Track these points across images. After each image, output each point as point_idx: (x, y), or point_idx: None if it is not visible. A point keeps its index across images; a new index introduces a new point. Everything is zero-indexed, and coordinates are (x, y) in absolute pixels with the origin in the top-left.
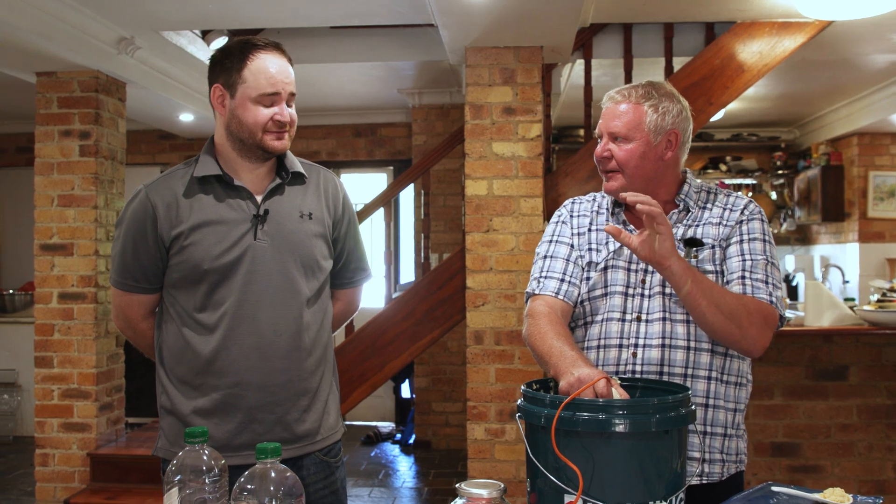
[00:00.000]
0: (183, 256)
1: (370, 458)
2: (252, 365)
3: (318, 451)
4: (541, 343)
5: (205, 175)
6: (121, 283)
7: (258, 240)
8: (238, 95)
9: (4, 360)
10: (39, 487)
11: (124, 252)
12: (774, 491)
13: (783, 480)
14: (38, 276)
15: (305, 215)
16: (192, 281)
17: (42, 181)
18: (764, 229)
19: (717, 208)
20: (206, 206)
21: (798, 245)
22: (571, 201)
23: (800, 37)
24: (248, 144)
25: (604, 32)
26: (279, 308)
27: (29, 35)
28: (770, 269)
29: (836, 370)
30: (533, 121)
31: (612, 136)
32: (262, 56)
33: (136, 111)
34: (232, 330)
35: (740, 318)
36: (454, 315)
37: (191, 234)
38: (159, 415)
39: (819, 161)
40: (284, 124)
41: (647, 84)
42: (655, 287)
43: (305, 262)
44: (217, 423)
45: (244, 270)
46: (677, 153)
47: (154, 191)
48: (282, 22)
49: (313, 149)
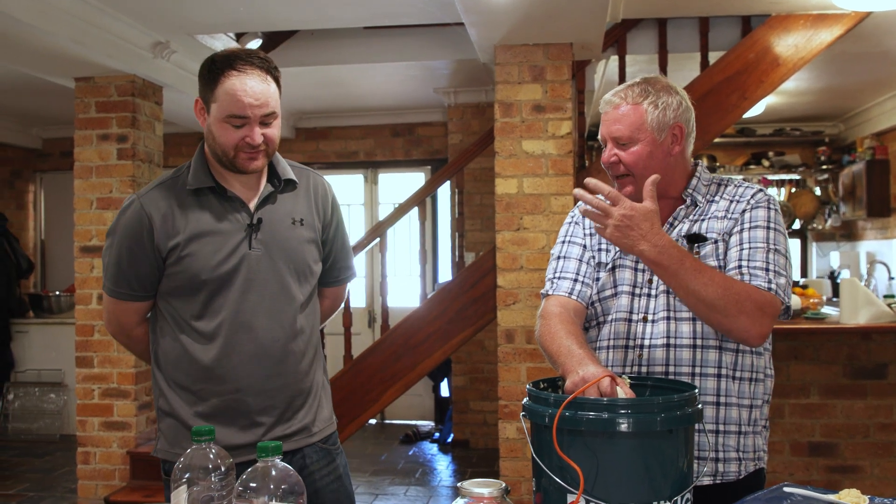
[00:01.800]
0: (180, 267)
1: (408, 456)
2: (251, 371)
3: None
4: (551, 343)
5: (199, 187)
6: (115, 292)
7: (253, 248)
8: (212, 112)
9: (51, 360)
10: (81, 485)
11: (119, 261)
12: (788, 492)
13: (821, 481)
14: (78, 278)
15: (297, 221)
16: (190, 290)
17: (81, 184)
18: (769, 216)
19: (724, 201)
20: (202, 216)
21: (843, 241)
22: None
23: (836, 29)
24: (224, 161)
25: (638, 28)
26: (275, 315)
27: (65, 41)
28: (772, 255)
29: (874, 368)
30: (563, 118)
31: (615, 140)
32: (235, 76)
33: (174, 114)
34: (231, 338)
35: (726, 306)
36: (486, 314)
37: (187, 245)
38: (157, 416)
39: (864, 155)
40: (256, 146)
41: (643, 81)
42: (661, 286)
43: (298, 267)
44: (219, 426)
45: (241, 279)
46: (684, 146)
47: (148, 202)
48: (312, 23)
49: (351, 149)
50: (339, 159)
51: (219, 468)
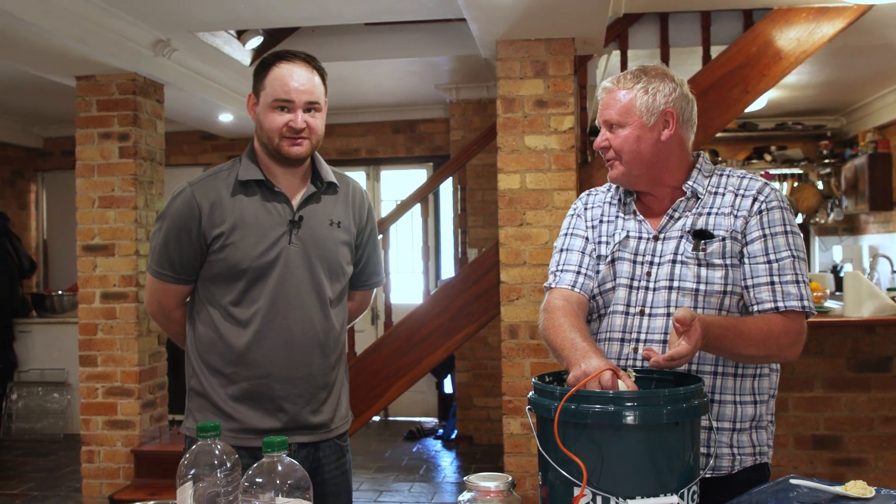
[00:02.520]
0: (223, 254)
1: (412, 453)
2: (280, 359)
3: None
4: (555, 336)
5: (248, 179)
6: (159, 273)
7: (292, 244)
8: (261, 102)
9: (54, 359)
10: (86, 484)
11: (166, 245)
12: (794, 484)
13: (825, 474)
14: (81, 277)
15: (335, 223)
16: (231, 277)
17: (83, 183)
18: (784, 218)
19: (728, 194)
20: (248, 208)
21: (846, 235)
22: (587, 193)
23: (839, 22)
24: (270, 149)
25: (639, 22)
26: (307, 308)
27: (66, 40)
28: (797, 264)
29: (878, 361)
30: (565, 113)
31: (607, 124)
32: (283, 66)
33: (176, 112)
34: (264, 326)
35: (770, 354)
36: (490, 310)
37: (232, 233)
38: (188, 396)
39: (866, 149)
40: (299, 131)
41: (638, 68)
42: (662, 281)
43: (332, 266)
44: (247, 409)
45: (278, 271)
46: (678, 133)
47: (199, 190)
48: (313, 20)
49: (353, 146)
50: (341, 157)
51: (224, 464)
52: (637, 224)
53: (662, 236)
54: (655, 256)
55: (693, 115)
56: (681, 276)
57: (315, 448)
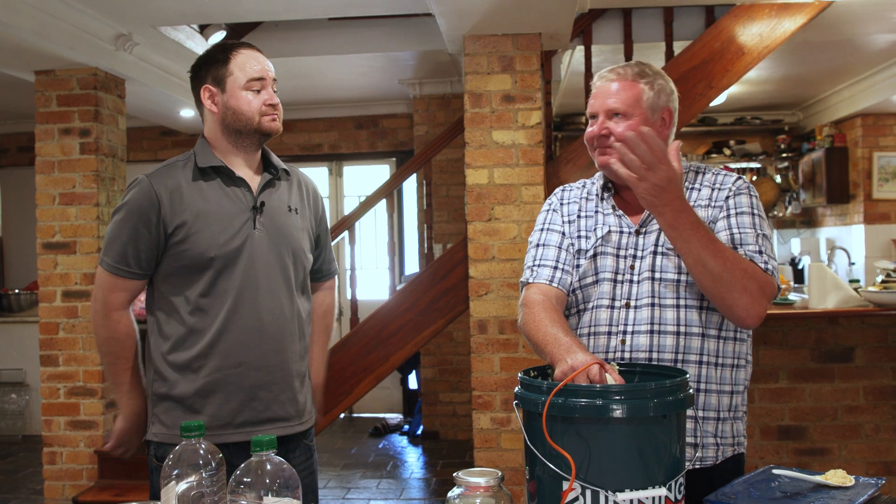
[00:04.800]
0: (187, 245)
1: (378, 449)
2: (253, 346)
3: (303, 432)
4: (536, 331)
5: (207, 166)
6: (114, 268)
7: (256, 229)
8: (228, 88)
9: (12, 359)
10: (48, 486)
11: (124, 238)
12: (776, 474)
13: (790, 463)
14: (41, 275)
15: (293, 209)
16: (197, 268)
17: (43, 180)
18: (752, 203)
19: (705, 188)
20: (209, 195)
21: (804, 228)
22: (561, 189)
23: (800, 18)
24: (246, 132)
25: (603, 18)
26: (275, 294)
27: (26, 34)
28: (762, 240)
29: (841, 352)
30: (533, 108)
31: (609, 112)
32: (242, 51)
33: (136, 108)
34: (234, 314)
35: (732, 280)
36: (458, 305)
37: (195, 222)
38: (151, 403)
39: (823, 143)
40: (275, 105)
41: (639, 63)
42: (644, 273)
43: (295, 252)
44: (219, 402)
45: (245, 258)
46: (671, 133)
47: (157, 180)
48: (279, 14)
49: (315, 141)
50: (304, 152)
51: (209, 463)
52: (617, 219)
53: (644, 230)
54: (638, 250)
55: (676, 117)
56: (662, 268)
57: (286, 449)
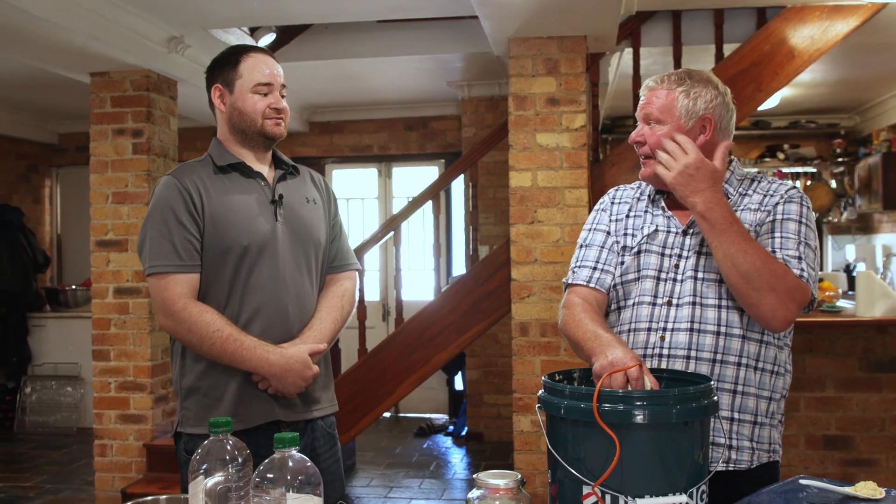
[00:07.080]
0: (214, 236)
1: (422, 449)
2: (278, 334)
3: (324, 417)
4: (576, 329)
5: (226, 164)
6: (160, 266)
7: (278, 221)
8: (236, 90)
9: (68, 353)
10: (98, 477)
11: (154, 237)
12: (804, 484)
13: (835, 475)
14: (94, 272)
15: (311, 200)
16: (223, 261)
17: (97, 179)
18: (801, 212)
19: (757, 194)
20: (230, 191)
21: (859, 234)
22: (615, 189)
23: (852, 20)
24: (250, 133)
25: (652, 20)
26: (298, 283)
27: (80, 36)
28: (804, 248)
29: (890, 361)
30: (577, 111)
31: (646, 119)
32: (253, 55)
33: (189, 109)
34: (261, 306)
35: (760, 280)
36: (500, 307)
37: (221, 215)
38: (179, 397)
39: (880, 148)
40: (280, 110)
41: (683, 70)
42: (688, 272)
43: (315, 243)
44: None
45: (270, 249)
46: (714, 139)
47: (181, 176)
48: (327, 17)
49: (365, 143)
50: (353, 153)
51: (236, 459)
52: (666, 220)
53: (691, 231)
54: (684, 250)
55: (731, 125)
56: (705, 267)
57: (312, 438)
